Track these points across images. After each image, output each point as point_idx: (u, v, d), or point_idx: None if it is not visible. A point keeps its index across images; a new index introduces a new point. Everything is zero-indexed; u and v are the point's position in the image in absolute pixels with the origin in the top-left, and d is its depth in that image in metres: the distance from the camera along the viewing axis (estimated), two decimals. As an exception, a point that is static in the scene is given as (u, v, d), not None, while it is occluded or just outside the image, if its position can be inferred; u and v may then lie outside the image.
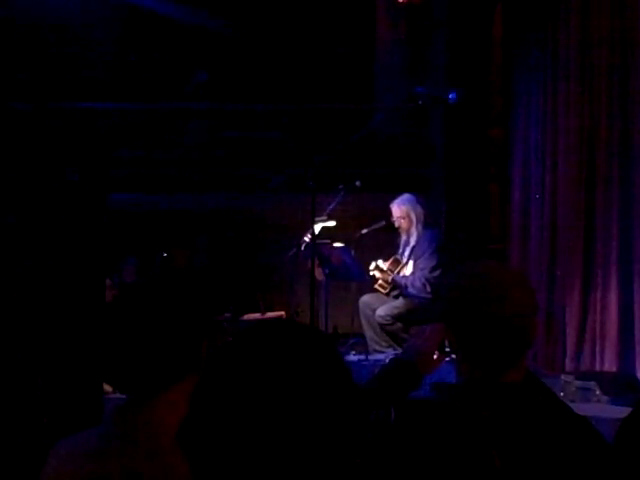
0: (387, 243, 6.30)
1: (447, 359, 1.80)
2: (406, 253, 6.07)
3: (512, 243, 6.19)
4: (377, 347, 5.87)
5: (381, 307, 5.91)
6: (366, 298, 6.08)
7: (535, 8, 5.94)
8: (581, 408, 4.26)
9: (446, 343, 1.73)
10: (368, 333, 5.96)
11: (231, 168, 7.11)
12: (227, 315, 5.80)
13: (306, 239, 5.64)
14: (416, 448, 1.52)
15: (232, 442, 0.98)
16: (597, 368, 5.35)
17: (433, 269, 5.86)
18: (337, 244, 5.90)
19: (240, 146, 7.21)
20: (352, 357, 5.75)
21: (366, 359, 5.65)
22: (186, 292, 1.62)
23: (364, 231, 6.12)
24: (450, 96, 5.82)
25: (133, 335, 1.56)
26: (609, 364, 5.29)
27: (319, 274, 5.75)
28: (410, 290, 5.87)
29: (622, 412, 4.65)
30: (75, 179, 3.46)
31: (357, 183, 5.95)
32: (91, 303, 3.48)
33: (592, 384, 4.76)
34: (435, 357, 1.78)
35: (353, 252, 5.95)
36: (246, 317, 5.79)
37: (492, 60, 6.53)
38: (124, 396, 1.60)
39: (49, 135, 3.68)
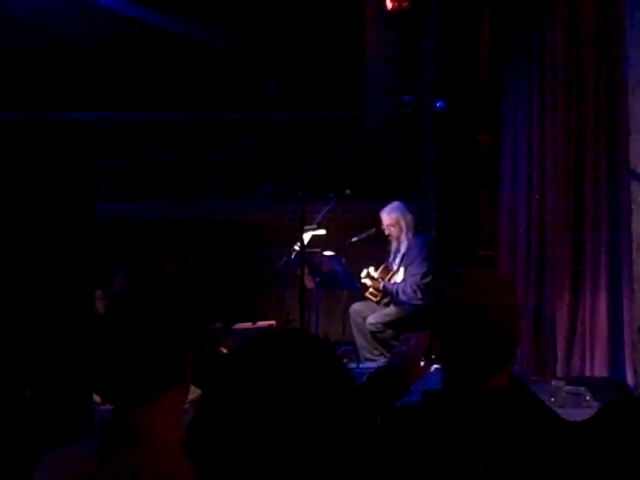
0: (377, 251, 6.32)
1: (434, 366, 1.81)
2: (397, 260, 6.09)
3: (501, 248, 6.21)
4: (368, 355, 5.88)
5: (372, 315, 5.92)
6: (357, 306, 6.09)
7: (522, 15, 5.98)
8: (571, 413, 4.27)
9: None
10: (359, 341, 5.96)
11: (221, 176, 7.12)
12: (218, 324, 5.79)
13: (296, 248, 5.65)
14: (401, 456, 1.53)
15: (239, 449, 0.99)
16: (587, 373, 5.36)
17: (424, 275, 5.88)
18: (327, 253, 5.91)
19: (230, 154, 7.22)
20: (343, 365, 5.75)
21: (357, 367, 5.66)
22: (173, 302, 1.63)
23: (354, 239, 6.14)
24: (438, 104, 5.86)
25: (120, 345, 1.56)
26: (599, 369, 5.30)
27: (310, 282, 5.75)
28: (401, 297, 5.88)
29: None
30: (62, 191, 3.46)
31: (347, 191, 5.96)
32: (81, 314, 3.48)
33: (582, 389, 4.78)
34: (422, 364, 1.78)
35: (343, 260, 5.96)
36: (237, 326, 5.78)
37: (480, 66, 6.57)
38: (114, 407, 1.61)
39: (37, 146, 3.68)
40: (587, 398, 4.72)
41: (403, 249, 6.05)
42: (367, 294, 6.06)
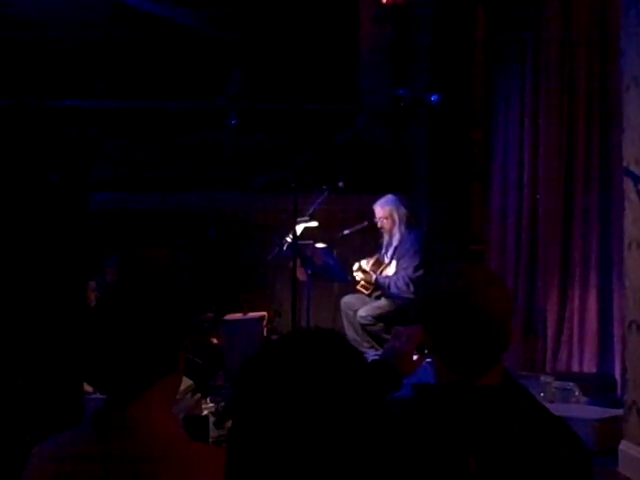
0: (370, 244, 6.32)
1: (427, 360, 1.81)
2: (389, 253, 6.10)
3: (491, 244, 6.23)
4: (359, 348, 5.87)
5: (363, 307, 5.93)
6: (348, 299, 6.10)
7: (516, 11, 5.99)
8: (560, 408, 4.30)
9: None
10: (350, 334, 5.97)
11: (214, 168, 7.10)
12: (209, 315, 5.79)
13: (288, 239, 5.64)
14: (392, 451, 1.53)
15: (274, 446, 0.99)
16: (576, 369, 5.39)
17: (416, 269, 5.88)
18: (319, 245, 5.91)
19: (222, 146, 7.20)
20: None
21: (348, 359, 5.66)
22: (166, 293, 1.63)
23: (347, 232, 6.14)
24: (432, 98, 5.86)
25: (113, 335, 1.56)
26: (588, 365, 5.33)
27: (301, 274, 5.75)
28: (393, 290, 5.89)
29: (600, 412, 4.70)
30: (56, 180, 3.45)
31: (340, 184, 5.96)
32: (72, 304, 3.47)
33: (571, 385, 4.81)
34: (414, 358, 1.78)
35: (335, 253, 5.96)
36: (228, 317, 5.78)
37: (475, 61, 6.57)
38: (105, 396, 1.61)
39: (30, 133, 3.66)
40: (576, 393, 4.75)
41: (395, 242, 6.05)
42: (358, 287, 6.07)
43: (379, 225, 6.09)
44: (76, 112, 6.45)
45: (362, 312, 5.89)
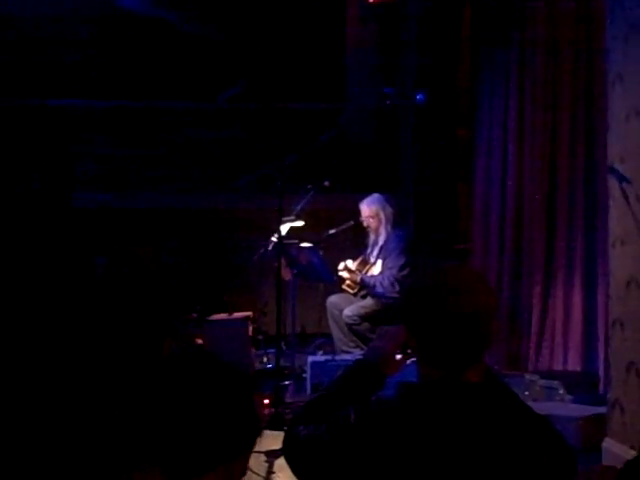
0: (355, 243, 6.32)
1: (411, 360, 1.81)
2: (375, 253, 6.09)
3: (476, 242, 6.24)
4: (344, 347, 5.88)
5: (349, 307, 5.92)
6: (333, 298, 6.09)
7: (502, 10, 6.00)
8: (545, 407, 4.31)
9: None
10: (335, 333, 5.96)
11: (199, 167, 7.08)
12: (194, 315, 5.77)
13: (274, 239, 5.63)
14: (374, 448, 1.53)
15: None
16: (560, 367, 5.41)
17: (402, 268, 5.88)
18: (305, 244, 5.90)
19: (208, 145, 7.19)
20: (319, 357, 5.76)
21: (333, 359, 5.66)
22: (149, 293, 1.62)
23: (332, 231, 6.13)
24: (418, 97, 5.87)
25: (93, 330, 1.55)
26: (573, 363, 5.35)
27: (287, 274, 5.74)
28: (378, 289, 5.88)
29: (584, 410, 4.71)
30: (37, 185, 3.43)
31: (326, 183, 5.95)
32: (57, 301, 3.45)
33: (556, 383, 4.82)
34: (398, 358, 1.78)
35: (321, 252, 5.95)
36: (213, 317, 5.76)
37: (460, 61, 6.58)
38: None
39: (13, 132, 3.64)
40: (560, 392, 4.76)
41: (381, 241, 6.04)
42: (344, 286, 6.06)
43: (365, 224, 6.08)
44: (61, 112, 6.41)
45: (348, 312, 5.89)
